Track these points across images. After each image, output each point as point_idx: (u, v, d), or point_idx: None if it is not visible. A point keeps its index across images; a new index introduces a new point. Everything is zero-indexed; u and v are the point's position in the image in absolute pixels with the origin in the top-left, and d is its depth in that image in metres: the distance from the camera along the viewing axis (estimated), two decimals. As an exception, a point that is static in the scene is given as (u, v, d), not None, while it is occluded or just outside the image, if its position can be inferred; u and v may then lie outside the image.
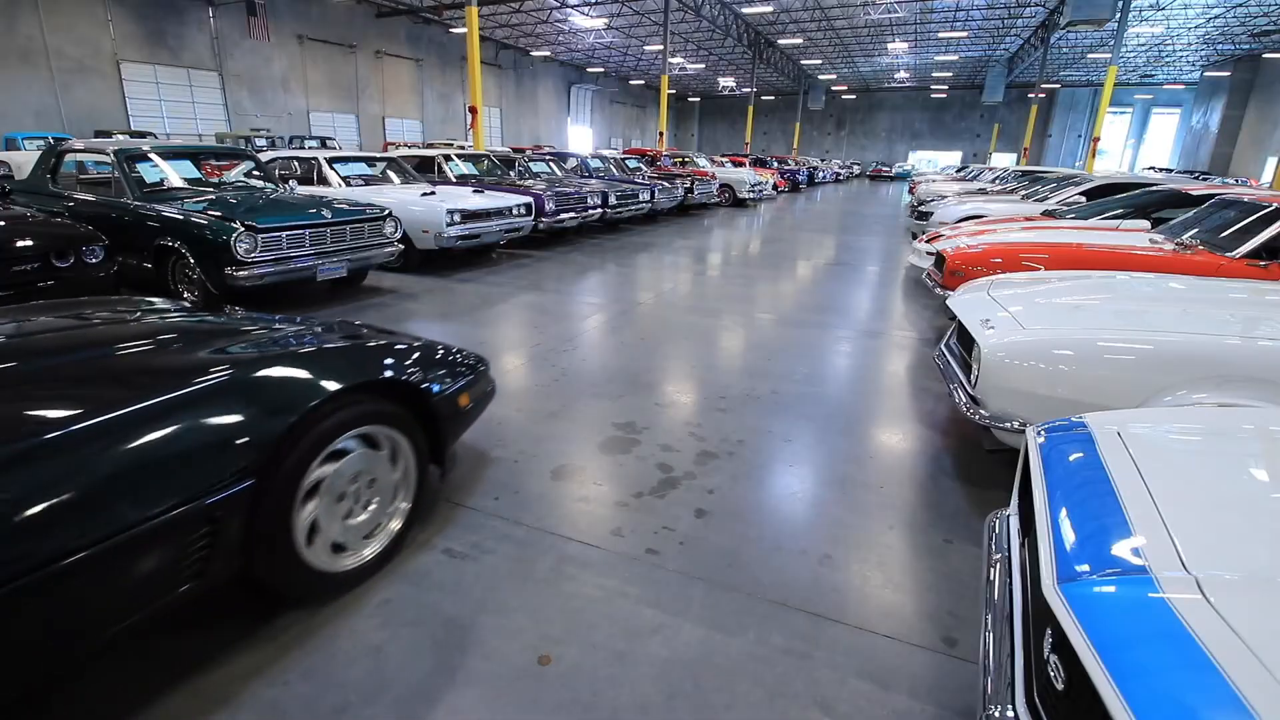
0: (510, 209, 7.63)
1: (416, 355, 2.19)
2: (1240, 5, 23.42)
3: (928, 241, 6.12)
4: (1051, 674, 1.05)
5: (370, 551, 2.05)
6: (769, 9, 26.37)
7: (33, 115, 16.78)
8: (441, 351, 2.33)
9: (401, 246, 6.18)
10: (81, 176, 7.33)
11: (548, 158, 12.17)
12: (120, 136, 14.64)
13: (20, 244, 3.72)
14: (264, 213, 5.03)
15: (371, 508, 2.04)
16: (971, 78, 43.18)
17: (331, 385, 1.81)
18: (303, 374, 1.81)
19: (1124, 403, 2.29)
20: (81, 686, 1.64)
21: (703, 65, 39.81)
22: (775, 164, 24.78)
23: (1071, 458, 1.50)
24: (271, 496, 1.67)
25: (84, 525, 1.30)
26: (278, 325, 2.17)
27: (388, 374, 2.02)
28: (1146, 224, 5.48)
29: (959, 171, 22.92)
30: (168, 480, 1.44)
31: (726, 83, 46.97)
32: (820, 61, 38.69)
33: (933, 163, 46.25)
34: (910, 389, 3.98)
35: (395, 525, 2.13)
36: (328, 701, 1.62)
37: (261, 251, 4.81)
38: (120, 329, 1.97)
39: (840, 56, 37.30)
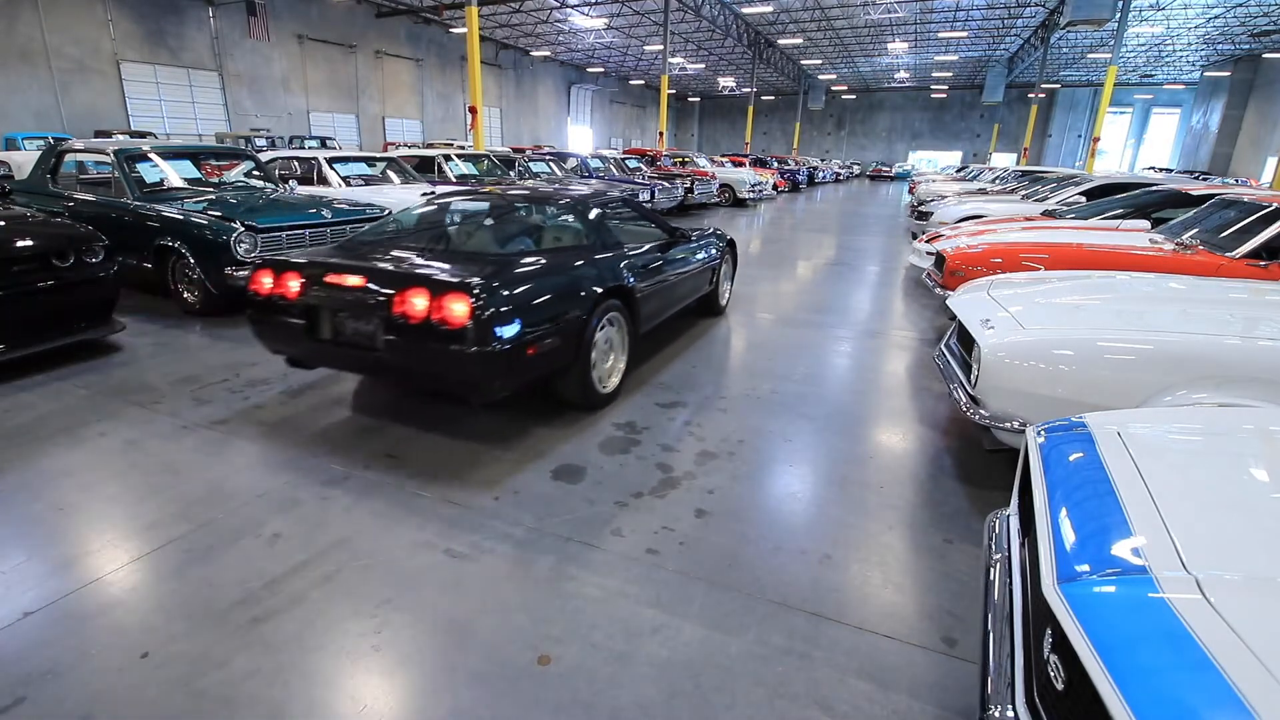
0: (510, 209, 7.63)
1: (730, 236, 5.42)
2: (1240, 5, 23.42)
3: (928, 241, 6.12)
4: (1051, 674, 1.05)
5: (725, 299, 5.63)
6: (769, 9, 26.35)
7: (33, 115, 16.76)
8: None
9: (402, 246, 6.18)
10: (81, 176, 7.33)
11: (548, 158, 12.17)
12: (120, 136, 14.65)
13: (20, 244, 3.71)
14: (264, 213, 5.03)
15: (726, 284, 5.56)
16: (971, 78, 43.18)
17: (724, 240, 5.31)
18: (722, 237, 5.29)
19: (1124, 403, 2.29)
20: (82, 685, 1.64)
21: (703, 65, 39.80)
22: (775, 164, 24.73)
23: (1071, 458, 1.50)
24: (719, 271, 5.26)
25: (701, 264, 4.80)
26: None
27: (732, 238, 5.35)
28: (1146, 224, 5.48)
29: (959, 171, 22.90)
30: (708, 255, 4.89)
31: (726, 83, 46.95)
32: (820, 61, 38.67)
33: (932, 163, 46.20)
34: (910, 389, 3.98)
35: (728, 290, 5.68)
36: (328, 701, 1.62)
37: (261, 251, 4.81)
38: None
39: (840, 56, 37.29)
